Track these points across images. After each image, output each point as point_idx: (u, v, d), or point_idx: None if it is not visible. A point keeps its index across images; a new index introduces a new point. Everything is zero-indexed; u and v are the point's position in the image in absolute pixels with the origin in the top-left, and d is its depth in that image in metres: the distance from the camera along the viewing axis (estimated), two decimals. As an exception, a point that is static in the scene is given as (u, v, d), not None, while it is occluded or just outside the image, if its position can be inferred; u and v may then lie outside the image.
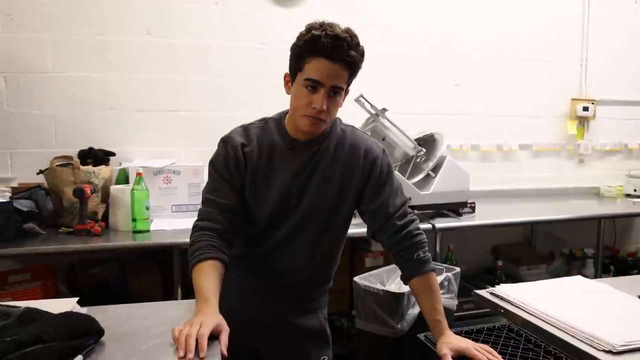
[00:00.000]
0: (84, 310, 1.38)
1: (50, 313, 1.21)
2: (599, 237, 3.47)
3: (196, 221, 1.54)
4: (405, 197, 1.65)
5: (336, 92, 1.47)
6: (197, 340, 1.16)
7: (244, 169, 1.55)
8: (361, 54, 1.47)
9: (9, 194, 2.50)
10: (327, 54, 1.40)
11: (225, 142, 1.58)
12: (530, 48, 3.91)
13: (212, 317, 1.25)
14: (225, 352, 1.18)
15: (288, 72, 1.53)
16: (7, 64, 2.85)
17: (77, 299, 1.43)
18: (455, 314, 2.52)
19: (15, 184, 2.77)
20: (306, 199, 1.57)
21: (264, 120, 1.63)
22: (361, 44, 1.47)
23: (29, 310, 1.21)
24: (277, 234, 1.59)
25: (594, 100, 4.06)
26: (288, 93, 1.54)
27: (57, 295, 2.73)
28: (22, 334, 1.06)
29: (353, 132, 1.65)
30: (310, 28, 1.44)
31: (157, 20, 3.07)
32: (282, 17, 3.26)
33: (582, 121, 4.11)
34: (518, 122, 3.94)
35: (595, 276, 3.42)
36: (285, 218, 1.58)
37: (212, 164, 1.59)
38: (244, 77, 3.24)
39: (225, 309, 1.33)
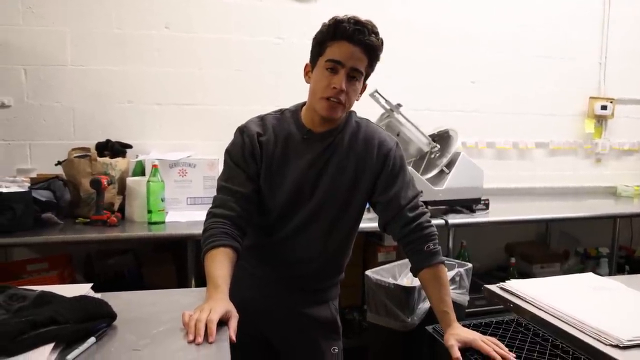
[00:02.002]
0: (97, 295, 1.40)
1: (65, 296, 1.24)
2: (614, 237, 3.43)
3: (210, 208, 1.56)
4: (417, 189, 1.66)
5: (355, 77, 1.50)
6: (206, 325, 1.18)
7: (260, 158, 1.58)
8: (381, 42, 1.53)
9: (28, 184, 2.54)
10: (349, 36, 1.46)
11: (241, 131, 1.61)
12: (548, 45, 3.88)
13: (221, 304, 1.28)
14: (234, 338, 1.20)
15: (308, 62, 1.58)
16: (27, 56, 2.90)
17: (91, 284, 1.46)
18: (467, 310, 2.52)
19: (34, 175, 2.82)
20: (320, 190, 1.59)
21: (281, 111, 1.66)
22: (380, 36, 1.53)
23: (44, 293, 1.24)
24: (290, 223, 1.61)
25: (613, 99, 4.02)
26: (308, 82, 1.58)
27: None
28: (37, 315, 1.09)
29: (367, 124, 1.67)
30: (333, 17, 1.50)
31: (175, 14, 3.10)
32: (299, 12, 3.27)
33: (600, 120, 4.07)
34: (535, 120, 3.92)
35: (610, 275, 3.39)
36: (299, 208, 1.60)
37: (228, 152, 1.61)
38: (260, 72, 3.27)
39: (237, 298, 1.34)
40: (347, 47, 1.47)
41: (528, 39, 3.83)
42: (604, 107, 3.98)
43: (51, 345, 1.06)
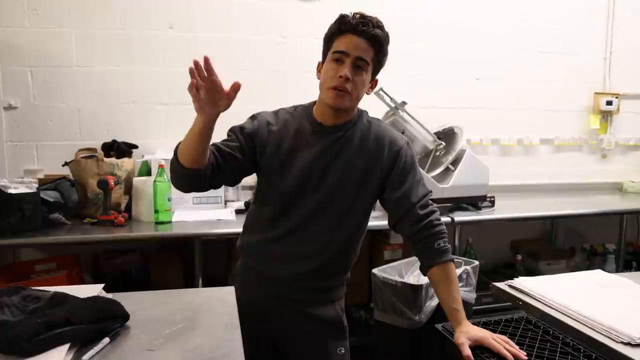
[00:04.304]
0: (109, 296, 1.41)
1: (78, 297, 1.25)
2: (621, 233, 3.43)
3: None
4: (427, 188, 1.67)
5: (361, 66, 1.54)
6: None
7: (261, 144, 1.60)
8: (386, 35, 1.57)
9: (36, 185, 2.56)
10: (353, 28, 1.52)
11: (254, 116, 1.66)
12: (553, 41, 3.87)
13: None
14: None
15: (320, 61, 1.63)
16: (33, 58, 2.91)
17: (102, 285, 1.47)
18: (474, 308, 2.52)
19: (41, 176, 2.84)
20: (327, 182, 1.61)
21: (294, 107, 1.71)
22: (386, 30, 1.57)
23: (57, 294, 1.25)
24: (297, 213, 1.62)
25: (618, 94, 4.01)
26: (319, 78, 1.61)
27: (82, 284, 2.78)
28: (52, 316, 1.10)
29: (379, 124, 1.70)
30: (340, 14, 1.55)
31: (179, 14, 3.11)
32: (302, 11, 3.27)
33: (606, 115, 4.06)
34: (539, 117, 3.91)
35: (617, 272, 3.38)
36: (305, 199, 1.61)
37: (231, 128, 1.64)
38: (264, 71, 3.27)
39: (244, 299, 1.35)
40: (352, 38, 1.52)
41: (532, 34, 3.82)
42: (609, 103, 3.97)
43: (67, 346, 1.07)
